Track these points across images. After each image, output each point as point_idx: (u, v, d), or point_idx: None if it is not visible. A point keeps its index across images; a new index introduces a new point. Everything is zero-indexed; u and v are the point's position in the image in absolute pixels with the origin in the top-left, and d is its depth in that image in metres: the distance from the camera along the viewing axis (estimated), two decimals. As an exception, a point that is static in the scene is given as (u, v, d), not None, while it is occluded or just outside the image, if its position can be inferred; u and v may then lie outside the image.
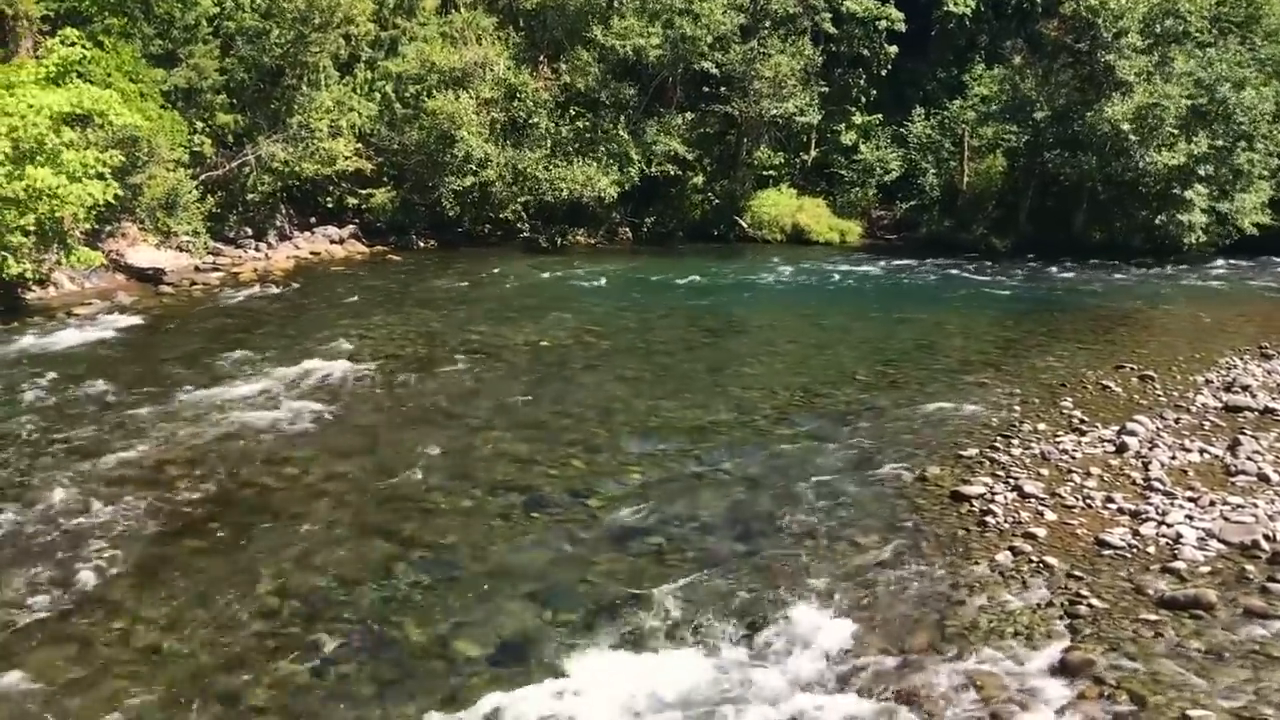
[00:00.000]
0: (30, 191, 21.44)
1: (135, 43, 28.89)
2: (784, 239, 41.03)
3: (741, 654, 9.91)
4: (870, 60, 43.96)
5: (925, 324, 25.81)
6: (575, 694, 9.15)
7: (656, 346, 22.46)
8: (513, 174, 36.18)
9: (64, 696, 9.10)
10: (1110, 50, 38.19)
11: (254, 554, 11.85)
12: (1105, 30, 38.00)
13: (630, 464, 14.93)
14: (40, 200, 21.76)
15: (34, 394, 17.31)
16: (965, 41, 45.83)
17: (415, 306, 25.71)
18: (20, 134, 21.19)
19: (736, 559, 11.90)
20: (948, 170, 42.42)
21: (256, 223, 32.89)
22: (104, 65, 27.23)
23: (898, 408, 17.76)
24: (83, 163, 22.58)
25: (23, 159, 21.43)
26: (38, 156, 21.67)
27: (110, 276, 26.97)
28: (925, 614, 10.70)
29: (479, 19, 38.53)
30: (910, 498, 13.71)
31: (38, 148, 21.60)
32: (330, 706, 9.08)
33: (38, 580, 11.03)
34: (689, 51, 38.38)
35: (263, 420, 16.11)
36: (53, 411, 16.50)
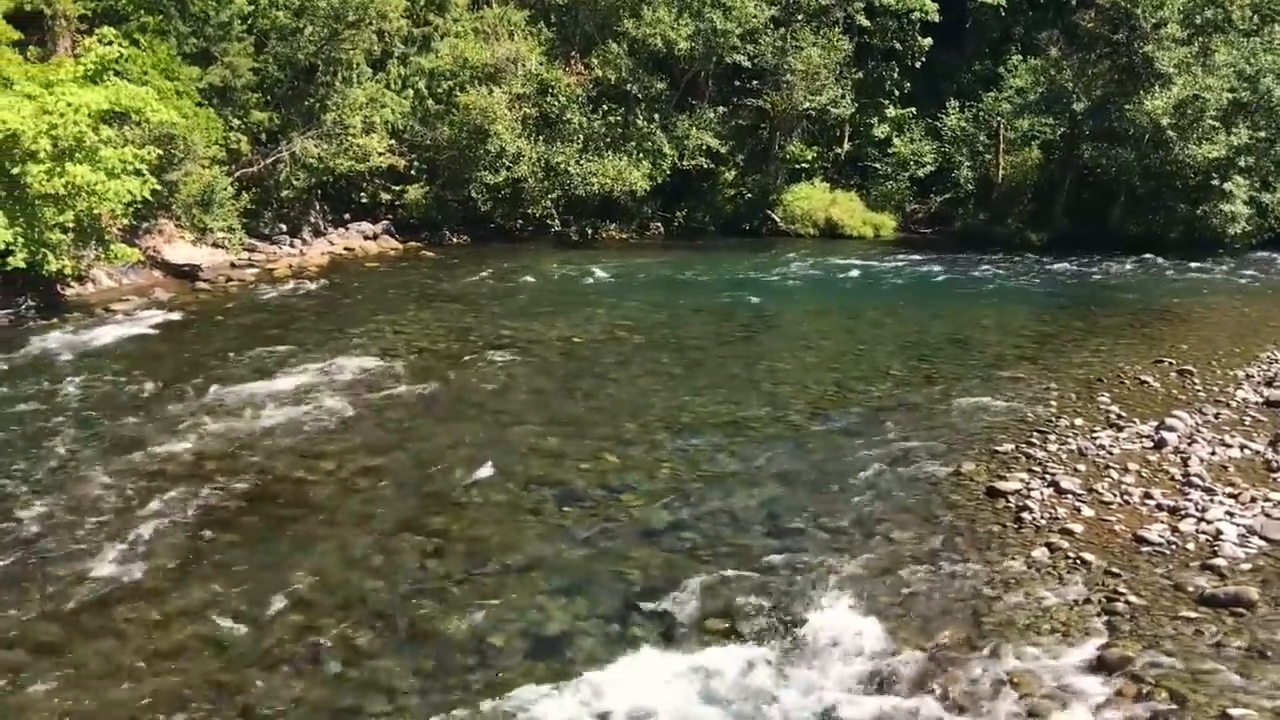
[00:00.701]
0: (69, 188, 21.69)
1: (170, 41, 29.13)
2: (817, 233, 40.83)
3: (775, 650, 9.88)
4: (904, 52, 43.65)
5: (960, 318, 25.61)
6: (609, 689, 9.15)
7: (689, 341, 22.42)
8: (544, 169, 36.23)
9: (102, 686, 9.21)
10: (1149, 41, 37.69)
11: (290, 547, 11.95)
12: (1144, 20, 37.51)
13: (663, 459, 14.92)
14: (79, 197, 22.02)
15: (73, 389, 17.53)
16: (1000, 33, 45.42)
17: (448, 302, 25.80)
18: (59, 131, 21.43)
19: (770, 555, 11.86)
20: (982, 163, 42.07)
21: (291, 219, 33.11)
22: (140, 63, 27.48)
23: (932, 403, 17.65)
24: (121, 159, 22.83)
25: (62, 156, 21.67)
26: (76, 154, 21.91)
27: (147, 273, 27.24)
28: (960, 610, 10.63)
29: (511, 14, 38.58)
30: (945, 494, 13.61)
31: (76, 145, 21.84)
32: (366, 699, 9.13)
33: (77, 571, 11.17)
34: (720, 44, 38.27)
35: (298, 415, 16.23)
36: (92, 406, 16.70)
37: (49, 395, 17.19)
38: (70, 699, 9.03)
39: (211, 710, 8.92)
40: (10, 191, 21.59)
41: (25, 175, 21.20)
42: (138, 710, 8.91)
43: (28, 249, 21.48)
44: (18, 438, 15.15)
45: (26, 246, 21.45)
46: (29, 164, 21.19)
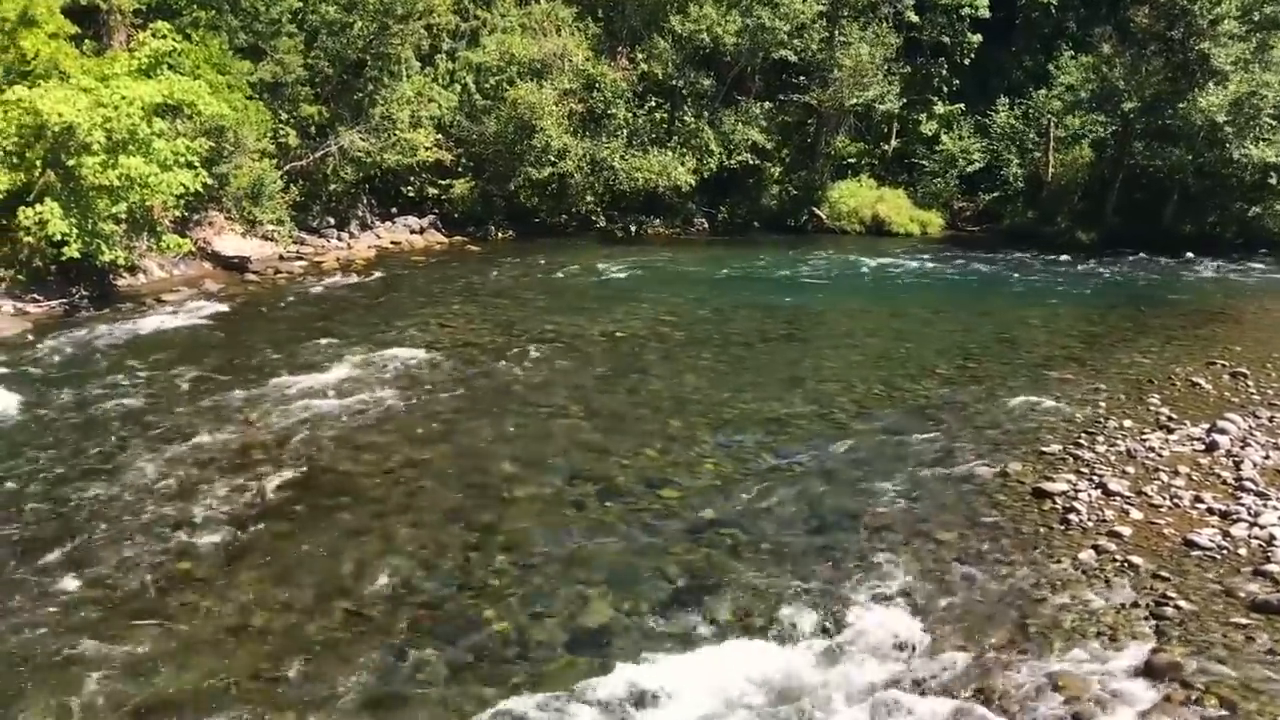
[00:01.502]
0: (123, 180, 22.06)
1: (222, 35, 29.48)
2: (863, 230, 40.56)
3: (817, 649, 9.84)
4: (953, 48, 43.24)
5: (1007, 317, 25.33)
6: (650, 684, 9.14)
7: (732, 338, 22.36)
8: (590, 165, 36.27)
9: (150, 673, 9.34)
10: (1205, 37, 37.03)
11: (335, 537, 12.06)
12: (1201, 16, 36.84)
13: (705, 455, 14.89)
14: (132, 189, 22.38)
15: (125, 378, 17.81)
16: (1052, 29, 44.85)
17: (492, 296, 25.92)
18: (114, 124, 21.77)
19: (812, 553, 11.81)
20: (1032, 161, 41.60)
21: (339, 212, 33.42)
22: (193, 57, 27.85)
23: (978, 402, 17.48)
24: (173, 152, 23.18)
25: (116, 148, 22.02)
26: (130, 146, 22.26)
27: (198, 264, 27.62)
28: (1005, 612, 10.52)
29: (558, 10, 38.67)
30: (990, 494, 13.48)
31: (130, 137, 22.20)
32: (409, 690, 9.21)
33: (127, 559, 11.35)
34: (767, 40, 38.11)
35: (344, 406, 16.38)
36: (142, 395, 16.95)
37: (101, 384, 17.47)
38: (118, 686, 9.17)
39: (257, 699, 9.02)
40: (66, 183, 22.00)
41: (80, 167, 21.59)
42: (184, 698, 9.03)
43: (82, 239, 21.86)
44: (71, 426, 15.42)
45: (81, 237, 21.83)
46: (84, 156, 21.57)
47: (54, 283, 23.04)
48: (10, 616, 10.10)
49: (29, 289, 22.60)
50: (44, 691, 9.00)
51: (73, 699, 8.92)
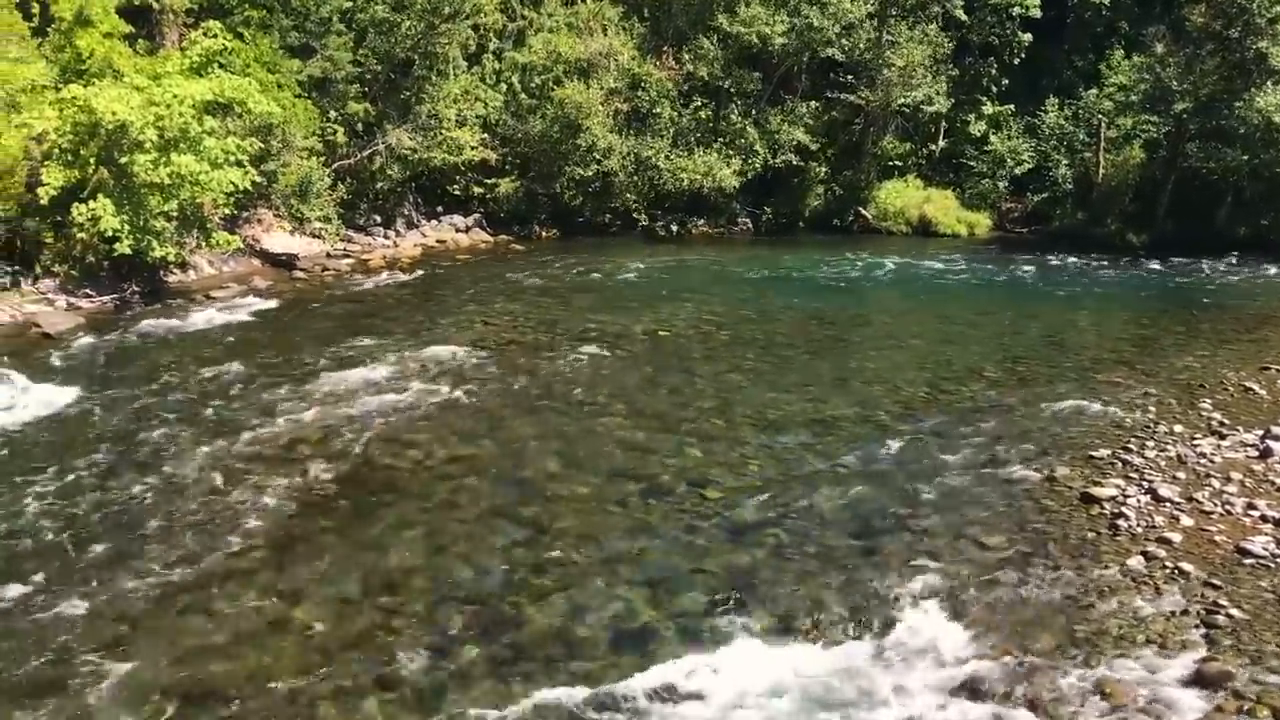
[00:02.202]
0: (174, 178, 22.37)
1: (273, 34, 29.82)
2: (909, 231, 40.22)
3: (860, 651, 9.78)
4: (1002, 48, 42.76)
5: (1055, 320, 25.02)
6: (692, 683, 9.14)
7: (776, 338, 22.27)
8: (634, 164, 36.27)
9: (196, 663, 9.48)
10: (1264, 36, 36.32)
11: (380, 532, 12.16)
12: (1259, 15, 36.14)
13: (748, 456, 14.85)
14: (183, 186, 22.70)
15: (175, 373, 18.05)
16: (1104, 28, 44.20)
17: (536, 295, 25.99)
18: (166, 122, 22.09)
19: (856, 555, 11.74)
20: (1082, 162, 41.03)
21: (385, 211, 33.67)
22: (243, 56, 28.18)
23: (1026, 405, 17.28)
24: (223, 150, 23.47)
25: (167, 146, 22.34)
26: (181, 144, 22.57)
27: (246, 261, 27.94)
28: (1051, 617, 10.41)
29: (604, 9, 38.69)
30: (1037, 498, 13.33)
31: (181, 135, 22.51)
32: (451, 684, 9.26)
33: (176, 551, 11.51)
34: (815, 39, 37.90)
35: (390, 403, 16.50)
36: (191, 390, 17.18)
37: (151, 379, 17.73)
38: (165, 674, 9.30)
39: (300, 691, 9.12)
40: (118, 180, 22.35)
41: (133, 165, 21.93)
42: (229, 687, 9.15)
43: (134, 236, 22.20)
44: (122, 420, 15.66)
45: (133, 234, 22.17)
46: (136, 154, 21.91)
47: (106, 278, 23.41)
48: (63, 607, 10.27)
49: (82, 285, 22.98)
50: (95, 680, 9.15)
51: (124, 689, 9.06)
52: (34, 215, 22.42)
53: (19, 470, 13.61)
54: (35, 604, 10.34)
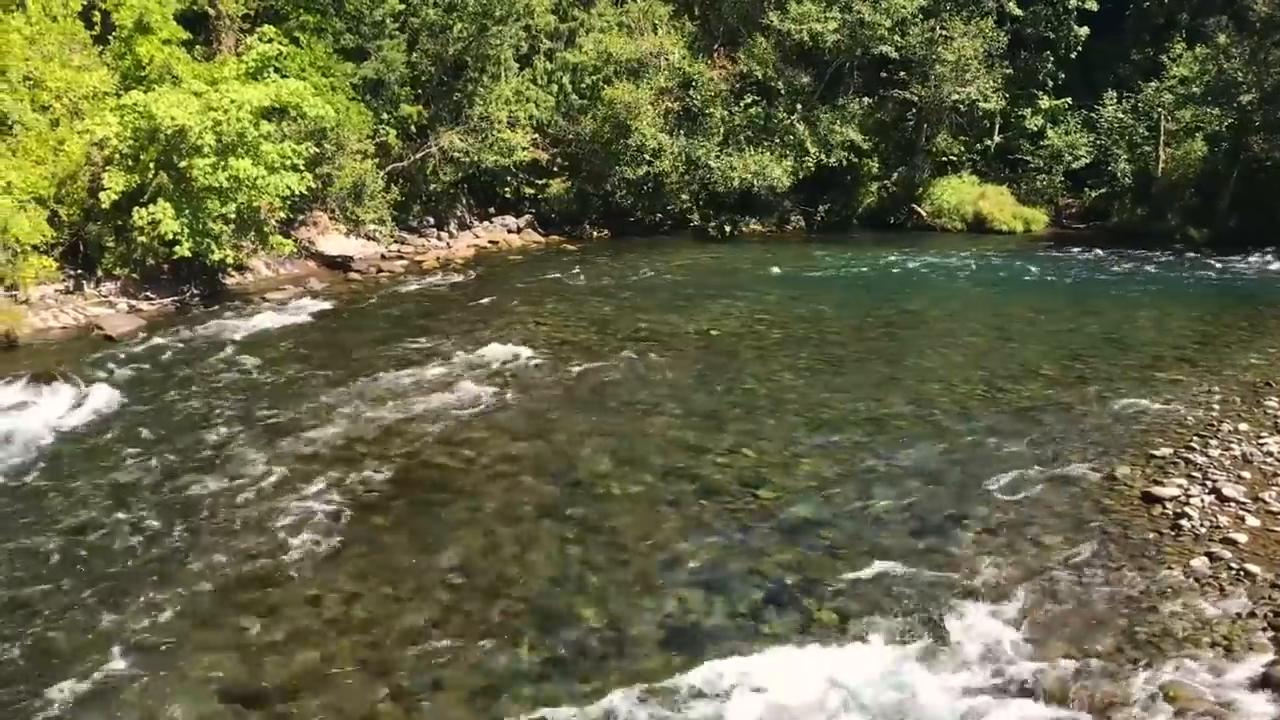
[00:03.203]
0: (232, 181, 22.72)
1: (327, 38, 30.15)
2: (964, 227, 39.78)
3: (916, 651, 9.67)
4: (1058, 42, 42.16)
5: (1115, 317, 24.58)
6: (745, 684, 9.10)
7: (830, 336, 22.11)
8: (685, 163, 36.22)
9: (257, 658, 9.60)
10: (1331, 25, 35.45)
11: (435, 531, 12.24)
12: (1327, 3, 35.28)
13: (802, 455, 14.75)
14: (240, 190, 23.05)
15: (233, 374, 18.32)
16: (1164, 20, 43.40)
17: (587, 295, 26.04)
18: (223, 127, 22.43)
19: (912, 555, 11.61)
20: (1141, 156, 40.30)
21: (438, 212, 33.93)
22: (298, 60, 28.54)
23: (1085, 403, 17.00)
24: (280, 154, 23.78)
25: (225, 151, 22.68)
26: (239, 148, 22.91)
27: (302, 263, 28.29)
28: (1112, 618, 10.23)
29: (655, 8, 38.67)
30: (1097, 498, 13.10)
31: (239, 140, 22.84)
32: (506, 682, 9.29)
33: (235, 549, 11.67)
34: (867, 36, 37.60)
35: (443, 402, 16.61)
36: (250, 390, 17.42)
37: (211, 379, 18.01)
38: (226, 670, 9.44)
39: (358, 688, 9.20)
40: (177, 184, 22.73)
41: (191, 169, 22.31)
42: (291, 685, 9.26)
43: (193, 239, 22.58)
44: (182, 420, 15.92)
45: (192, 236, 22.55)
46: (195, 158, 22.28)
47: (166, 281, 23.83)
48: (127, 605, 10.45)
49: (143, 287, 23.40)
50: (159, 677, 9.30)
51: (186, 685, 9.20)
52: (96, 219, 22.89)
53: (82, 469, 13.88)
54: (98, 601, 10.54)
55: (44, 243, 21.81)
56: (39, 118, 22.96)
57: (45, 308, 21.72)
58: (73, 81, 23.62)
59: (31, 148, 22.44)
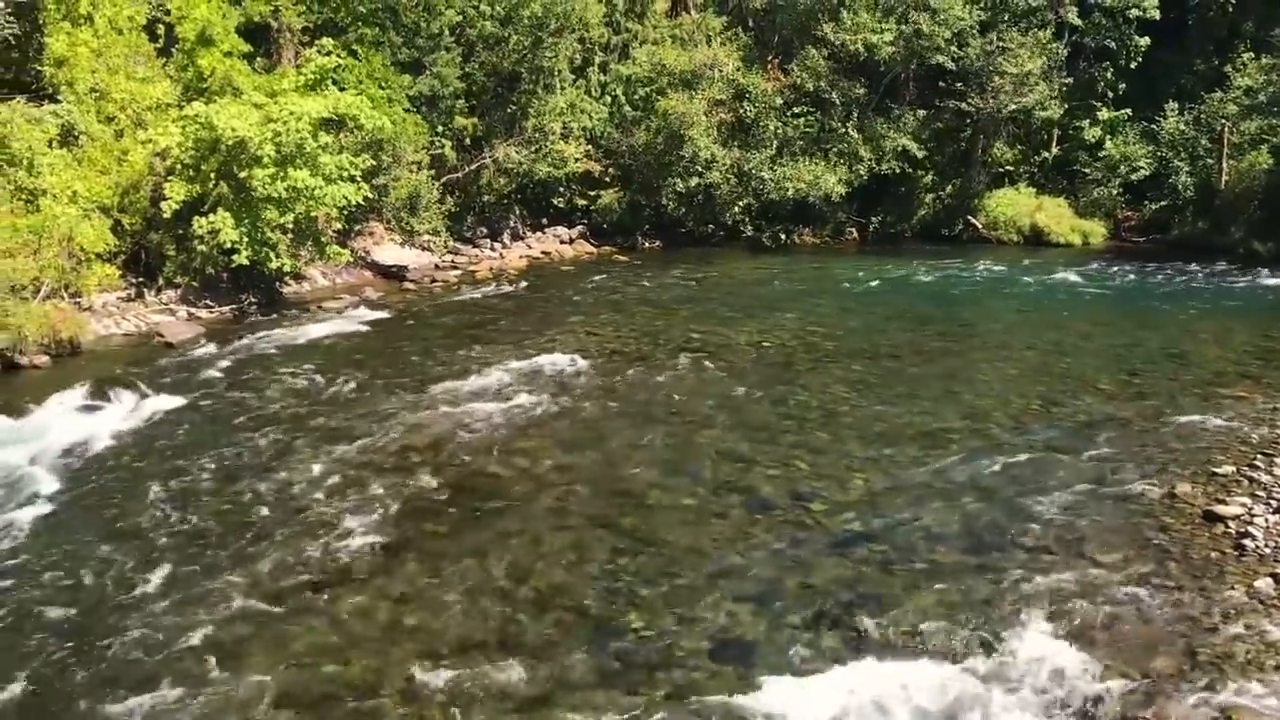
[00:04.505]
0: (290, 192, 23.07)
1: (384, 51, 30.52)
2: (1020, 240, 39.26)
3: (970, 668, 9.55)
4: (1118, 52, 41.56)
5: (1175, 332, 24.12)
6: (796, 699, 9.03)
7: (883, 349, 21.93)
8: (738, 174, 36.16)
9: (311, 663, 9.71)
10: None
11: (487, 539, 12.30)
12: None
13: (855, 469, 14.64)
14: (299, 200, 23.39)
15: (290, 381, 18.56)
16: (1228, 30, 42.64)
17: (639, 305, 26.06)
18: (283, 138, 22.78)
19: (967, 571, 11.47)
20: (1203, 168, 39.56)
21: (492, 223, 34.20)
22: (356, 72, 28.94)
23: (1144, 419, 16.70)
24: (337, 165, 24.13)
25: (284, 161, 23.03)
26: (297, 159, 23.25)
27: (358, 273, 28.63)
28: (1172, 639, 10.03)
29: (709, 20, 38.72)
30: (1157, 515, 12.86)
31: (297, 151, 23.18)
32: (555, 693, 9.31)
33: (291, 554, 11.81)
34: (923, 47, 37.34)
35: (496, 411, 16.70)
36: (307, 398, 17.64)
37: (268, 386, 18.25)
38: (281, 674, 9.55)
39: (412, 695, 9.26)
40: (237, 194, 23.12)
41: (251, 179, 22.69)
42: (342, 689, 9.35)
43: (252, 248, 22.96)
44: (240, 425, 16.15)
45: (250, 245, 22.93)
46: (254, 168, 22.67)
47: (225, 289, 24.23)
48: (182, 608, 10.61)
49: (202, 295, 23.81)
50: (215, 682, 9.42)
51: (241, 689, 9.31)
52: (158, 228, 23.36)
53: (143, 473, 14.14)
54: (157, 604, 10.72)
55: (107, 251, 22.29)
56: (104, 129, 23.48)
57: (108, 315, 22.17)
58: (137, 93, 24.12)
59: (96, 158, 22.95)
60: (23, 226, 20.41)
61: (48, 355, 19.52)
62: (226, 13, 26.59)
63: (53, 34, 23.58)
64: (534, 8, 32.25)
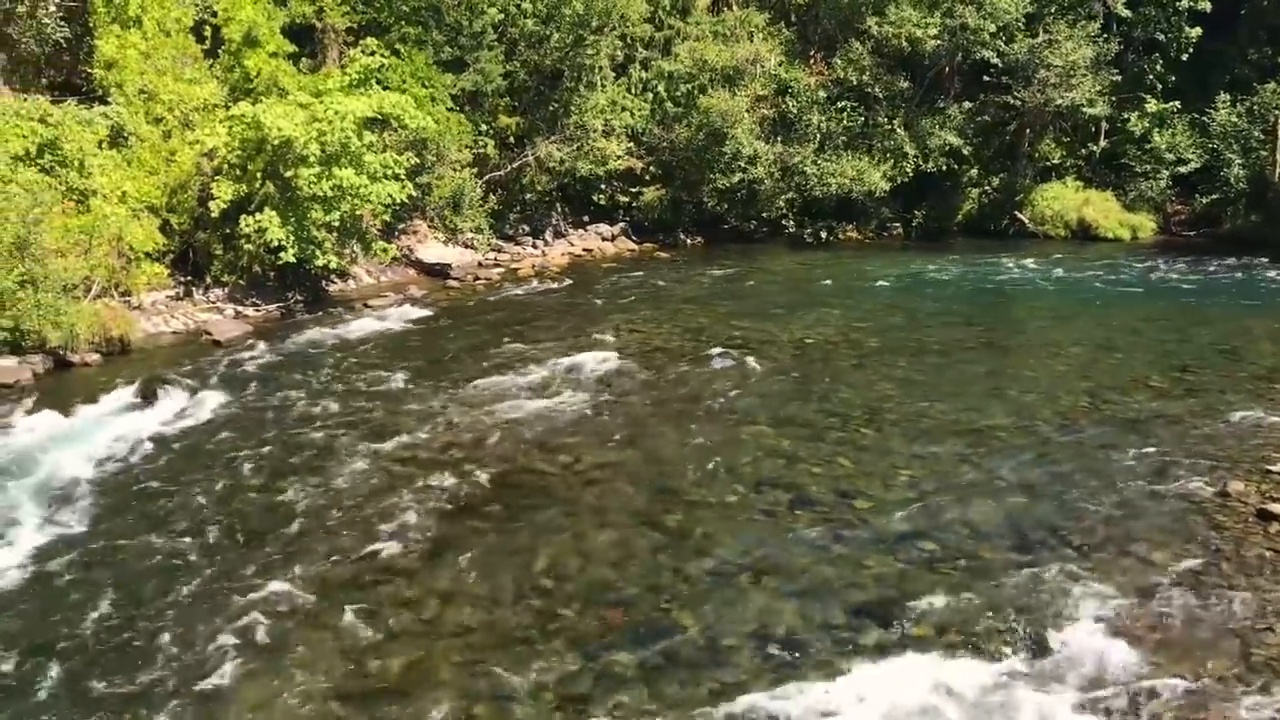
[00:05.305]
0: (336, 191, 23.28)
1: (427, 50, 30.68)
2: (1068, 235, 38.78)
3: (1017, 668, 9.44)
4: (1168, 44, 40.89)
5: (1227, 327, 23.70)
6: (841, 697, 8.97)
7: (928, 345, 21.74)
8: (781, 170, 36.00)
9: (356, 658, 9.77)
10: None
11: (529, 536, 12.33)
12: None
13: (900, 466, 14.51)
14: (344, 199, 23.59)
15: (334, 378, 18.72)
16: (1281, 19, 41.86)
17: (681, 302, 26.02)
18: (328, 138, 22.98)
19: (1014, 569, 11.33)
20: (1256, 161, 38.86)
21: (534, 221, 34.32)
22: (399, 72, 29.11)
23: (1195, 416, 16.42)
24: (382, 164, 24.32)
25: (329, 161, 23.23)
26: (342, 158, 23.45)
27: (402, 271, 28.84)
28: (1225, 640, 9.86)
29: (751, 16, 38.56)
30: (1209, 514, 12.64)
31: (342, 150, 23.38)
32: (599, 689, 9.31)
33: (336, 550, 11.91)
34: (969, 41, 36.96)
35: (538, 408, 16.74)
36: (351, 394, 17.77)
37: (313, 384, 18.42)
38: (325, 669, 9.61)
39: (456, 690, 9.30)
40: (283, 193, 23.35)
41: (297, 178, 22.91)
42: (388, 684, 9.41)
43: (298, 246, 23.19)
44: (285, 423, 16.31)
45: (297, 244, 23.16)
46: (300, 168, 22.88)
47: (271, 288, 24.48)
48: (231, 602, 10.73)
49: (249, 294, 24.07)
50: (259, 675, 9.51)
51: (288, 683, 9.39)
52: (205, 228, 23.65)
53: (191, 470, 14.31)
54: (202, 596, 10.85)
55: (156, 250, 22.58)
56: (153, 130, 23.78)
57: (156, 313, 22.47)
58: (184, 94, 24.42)
59: (145, 158, 23.26)
60: (74, 226, 20.70)
61: (98, 353, 19.81)
62: (272, 14, 26.85)
63: (103, 37, 23.93)
64: (576, 6, 32.27)
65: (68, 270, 19.71)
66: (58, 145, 21.46)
